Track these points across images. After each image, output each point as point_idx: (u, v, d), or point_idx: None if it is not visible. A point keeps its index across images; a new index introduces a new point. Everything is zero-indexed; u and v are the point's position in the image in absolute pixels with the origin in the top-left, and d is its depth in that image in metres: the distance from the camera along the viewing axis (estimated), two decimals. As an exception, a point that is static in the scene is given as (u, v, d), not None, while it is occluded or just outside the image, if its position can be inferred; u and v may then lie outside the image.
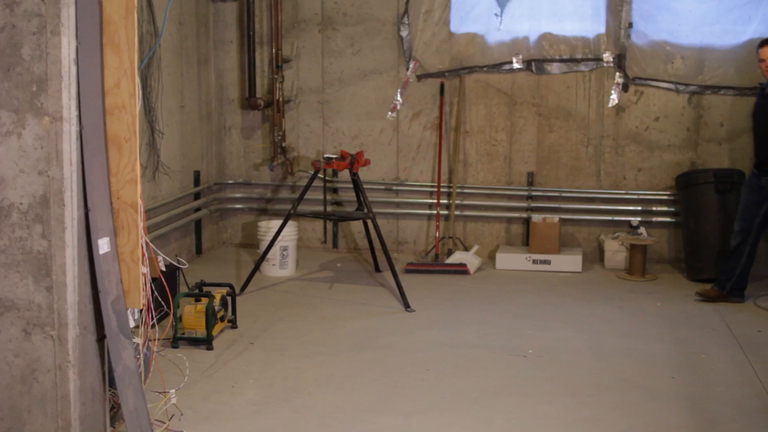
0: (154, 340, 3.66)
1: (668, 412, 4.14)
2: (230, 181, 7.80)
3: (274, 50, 7.34)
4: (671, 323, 5.60)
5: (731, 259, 6.07)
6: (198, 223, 7.38)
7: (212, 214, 7.62)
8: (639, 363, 4.81)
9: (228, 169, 7.81)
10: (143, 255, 3.44)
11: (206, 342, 4.92)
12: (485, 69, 7.28)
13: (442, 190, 7.33)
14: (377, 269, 6.86)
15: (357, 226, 7.45)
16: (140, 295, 3.43)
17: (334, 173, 7.35)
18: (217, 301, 5.10)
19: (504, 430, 3.95)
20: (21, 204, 3.21)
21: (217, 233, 7.84)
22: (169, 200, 6.70)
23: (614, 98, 7.08)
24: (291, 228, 6.60)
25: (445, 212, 7.40)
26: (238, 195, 7.82)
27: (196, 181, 7.30)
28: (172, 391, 3.80)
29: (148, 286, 3.49)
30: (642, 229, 6.94)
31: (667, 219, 7.24)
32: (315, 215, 6.71)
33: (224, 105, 7.71)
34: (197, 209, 7.30)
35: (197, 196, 7.34)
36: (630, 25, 7.05)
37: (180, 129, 6.94)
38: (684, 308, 5.96)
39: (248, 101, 7.42)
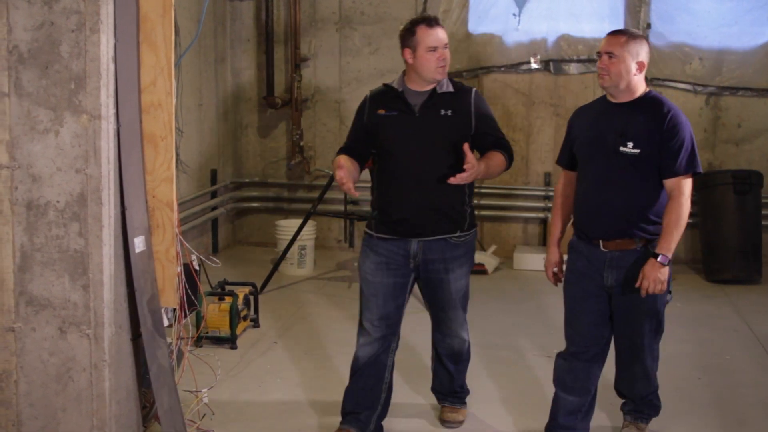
0: (187, 338, 3.65)
1: (696, 413, 4.14)
2: (246, 180, 7.79)
3: (292, 49, 7.33)
4: (693, 324, 5.59)
5: (365, 379, 3.78)
6: (215, 222, 7.37)
7: (228, 213, 7.62)
8: (664, 364, 4.73)
9: (244, 168, 7.79)
10: (177, 254, 3.43)
11: (230, 341, 4.91)
12: (503, 69, 7.27)
13: (459, 189, 7.31)
14: (395, 269, 6.83)
15: (373, 225, 7.44)
16: (175, 294, 3.42)
17: (351, 172, 7.34)
18: (240, 300, 5.09)
19: (532, 430, 3.94)
20: (58, 202, 3.19)
21: (233, 232, 7.84)
22: (187, 198, 6.70)
23: (632, 99, 7.05)
24: (309, 227, 6.60)
25: (462, 212, 7.38)
26: (254, 194, 7.80)
27: (213, 179, 7.30)
28: (205, 390, 3.79)
29: (182, 285, 3.48)
30: (659, 230, 6.91)
31: (685, 220, 7.22)
32: (336, 215, 6.70)
33: (241, 104, 7.70)
34: (214, 208, 7.30)
35: (214, 194, 7.34)
36: (648, 25, 7.04)
37: (198, 127, 6.94)
38: (704, 309, 5.95)
39: (266, 100, 7.41)
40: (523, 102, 7.32)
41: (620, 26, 7.03)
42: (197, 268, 3.63)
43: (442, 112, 3.63)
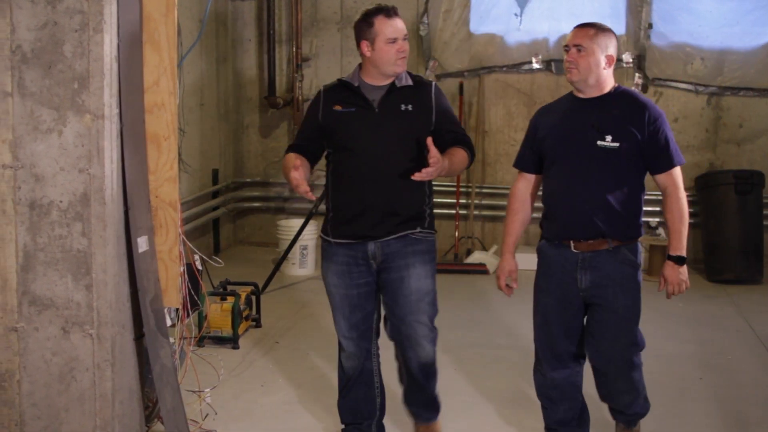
0: (189, 338, 3.65)
1: (698, 413, 4.14)
2: (248, 180, 7.80)
3: (294, 49, 7.34)
4: (694, 324, 5.60)
5: (356, 390, 3.67)
6: (216, 222, 7.38)
7: (229, 213, 7.62)
8: (666, 364, 4.80)
9: (246, 168, 7.80)
10: (180, 253, 3.43)
11: (232, 341, 4.91)
12: (504, 69, 7.28)
13: (461, 190, 7.32)
14: (396, 269, 6.83)
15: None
16: (177, 294, 3.42)
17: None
18: (242, 300, 5.09)
19: (536, 430, 3.94)
20: (61, 202, 3.19)
21: (234, 232, 7.84)
22: (188, 198, 6.70)
23: (634, 99, 7.05)
24: (311, 227, 6.60)
25: (464, 212, 7.39)
26: (255, 194, 7.81)
27: (215, 179, 7.30)
28: (208, 390, 3.79)
29: (185, 284, 3.48)
30: (660, 230, 6.93)
31: (686, 220, 7.22)
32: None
33: (242, 103, 7.71)
34: (215, 208, 7.30)
35: (215, 194, 7.35)
36: (650, 26, 7.05)
37: (199, 127, 6.95)
38: (706, 309, 5.96)
39: (267, 100, 7.42)
40: (524, 102, 7.32)
41: (622, 26, 7.05)
42: (200, 267, 3.63)
43: (403, 107, 3.41)
